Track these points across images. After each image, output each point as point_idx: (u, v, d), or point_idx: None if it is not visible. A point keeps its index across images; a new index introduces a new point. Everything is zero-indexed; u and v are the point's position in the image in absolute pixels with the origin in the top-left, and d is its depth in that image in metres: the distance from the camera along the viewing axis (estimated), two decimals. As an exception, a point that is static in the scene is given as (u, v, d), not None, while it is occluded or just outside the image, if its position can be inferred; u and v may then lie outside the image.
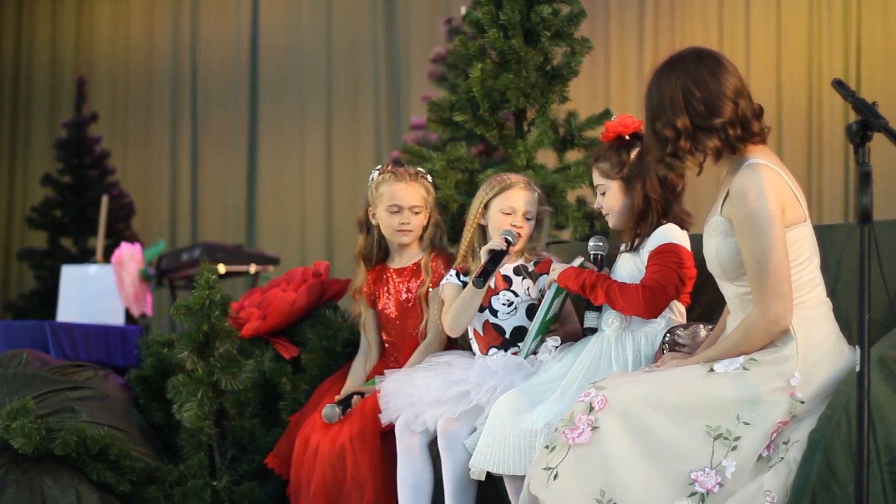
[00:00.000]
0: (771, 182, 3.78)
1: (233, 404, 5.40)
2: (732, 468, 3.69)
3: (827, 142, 10.14)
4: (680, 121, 3.84)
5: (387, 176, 5.26)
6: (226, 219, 13.23)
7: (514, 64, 5.58)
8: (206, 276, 5.19)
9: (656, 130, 3.90)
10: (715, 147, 3.84)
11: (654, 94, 3.91)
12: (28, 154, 13.85)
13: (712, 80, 3.85)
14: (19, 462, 5.01)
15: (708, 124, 3.82)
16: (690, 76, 3.85)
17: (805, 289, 3.84)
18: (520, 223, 4.90)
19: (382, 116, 12.64)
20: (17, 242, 13.54)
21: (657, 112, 3.89)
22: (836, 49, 10.26)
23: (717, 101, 3.83)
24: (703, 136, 3.83)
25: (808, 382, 3.76)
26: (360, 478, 4.88)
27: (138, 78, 13.70)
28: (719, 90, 3.84)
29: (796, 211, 3.83)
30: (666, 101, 3.86)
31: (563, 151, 5.85)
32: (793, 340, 3.78)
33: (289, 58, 13.09)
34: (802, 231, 3.85)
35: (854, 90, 3.42)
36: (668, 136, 3.86)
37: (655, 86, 3.91)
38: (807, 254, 3.86)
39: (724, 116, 3.83)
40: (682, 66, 3.89)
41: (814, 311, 3.85)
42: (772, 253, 3.75)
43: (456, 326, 4.93)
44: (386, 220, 5.23)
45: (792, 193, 3.84)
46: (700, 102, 3.83)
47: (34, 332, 6.17)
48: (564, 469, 3.76)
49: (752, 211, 3.76)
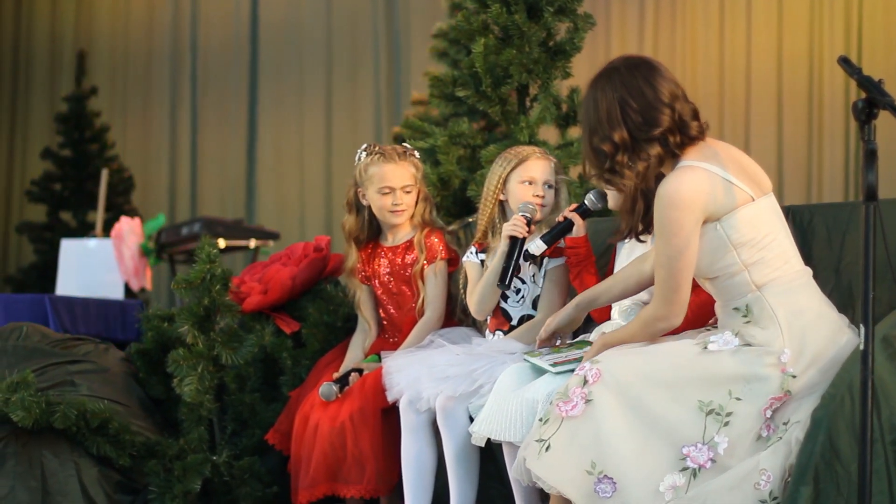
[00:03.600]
0: (691, 190, 3.76)
1: (233, 379, 5.40)
2: (725, 444, 3.70)
3: (827, 121, 10.12)
4: (617, 134, 3.82)
5: (375, 157, 5.20)
6: (225, 193, 13.21)
7: (517, 39, 5.56)
8: (207, 250, 5.18)
9: (594, 146, 3.88)
10: (657, 154, 3.83)
11: (591, 109, 3.88)
12: (28, 127, 13.82)
13: (647, 88, 3.82)
14: (19, 435, 5.01)
15: (647, 136, 3.81)
16: (626, 87, 3.83)
17: (774, 264, 3.82)
18: (541, 192, 4.87)
19: (382, 91, 12.62)
20: (16, 216, 13.52)
21: (594, 127, 3.87)
22: (838, 27, 10.23)
23: (654, 111, 3.81)
24: (644, 146, 3.82)
25: (798, 356, 3.75)
26: (361, 455, 4.89)
27: (138, 52, 13.66)
28: (655, 97, 3.82)
29: (734, 197, 3.79)
30: (602, 115, 3.84)
31: (565, 128, 5.84)
32: (773, 320, 3.78)
33: (289, 32, 13.05)
34: (751, 210, 3.81)
35: (860, 68, 3.41)
36: (606, 150, 3.84)
37: (592, 99, 3.88)
38: (765, 230, 3.83)
39: (662, 125, 3.81)
40: (616, 76, 3.85)
41: (789, 284, 3.83)
42: (671, 260, 3.79)
43: (481, 310, 4.94)
44: (378, 201, 5.20)
45: (726, 184, 3.80)
46: (637, 113, 3.81)
47: (34, 305, 6.17)
48: (557, 441, 3.76)
49: (661, 217, 3.79)
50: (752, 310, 3.82)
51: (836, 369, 3.73)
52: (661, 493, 3.70)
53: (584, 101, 3.94)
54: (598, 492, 3.72)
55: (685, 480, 3.70)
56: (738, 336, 3.83)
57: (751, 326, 3.82)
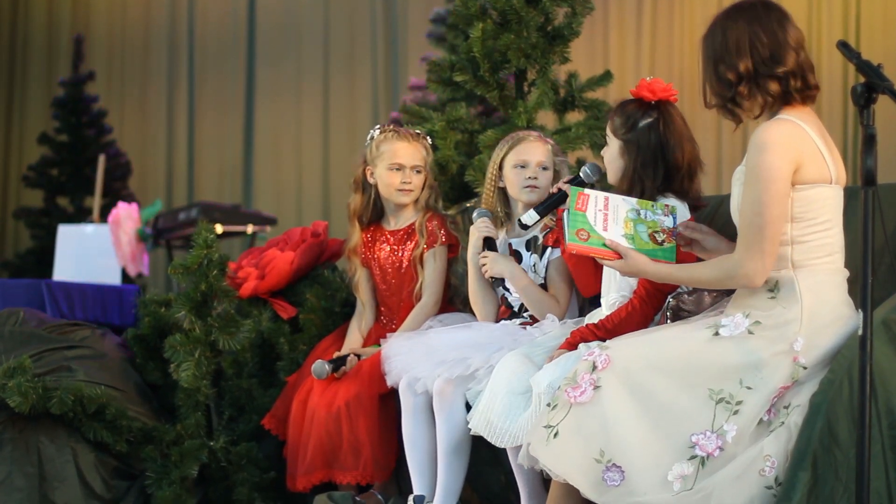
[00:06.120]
0: (788, 136, 3.75)
1: (230, 364, 5.39)
2: (733, 432, 3.69)
3: (825, 106, 10.12)
4: (743, 64, 3.81)
5: (388, 134, 5.23)
6: (222, 179, 13.21)
7: (515, 24, 5.54)
8: (204, 235, 5.17)
9: (718, 73, 3.87)
10: (776, 91, 3.81)
11: (719, 37, 3.87)
12: (24, 113, 13.82)
13: (779, 28, 3.83)
14: (16, 421, 5.00)
15: (772, 72, 3.80)
16: (759, 22, 3.83)
17: (819, 252, 3.80)
18: (534, 174, 4.86)
19: (380, 77, 12.61)
20: (13, 201, 13.53)
21: (720, 55, 3.86)
22: (836, 12, 10.23)
23: (781, 50, 3.81)
24: (767, 81, 3.81)
25: (812, 348, 3.73)
26: (357, 441, 4.89)
27: (135, 37, 13.65)
28: (784, 39, 3.82)
29: (820, 170, 3.79)
30: (731, 44, 3.83)
31: (563, 113, 5.82)
32: (798, 304, 3.75)
33: (286, 17, 13.04)
34: (825, 192, 3.80)
35: (859, 52, 3.40)
36: (731, 78, 3.83)
37: (720, 29, 3.88)
38: (826, 216, 3.81)
39: (787, 65, 3.81)
40: (751, 11, 3.86)
41: (826, 276, 3.81)
42: (766, 208, 3.71)
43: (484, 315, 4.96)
44: (386, 178, 5.20)
45: (818, 152, 3.80)
46: (766, 48, 3.81)
47: (31, 290, 6.15)
48: (565, 428, 3.75)
49: (758, 162, 3.73)
50: (780, 287, 3.79)
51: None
52: (670, 483, 3.69)
53: (709, 30, 3.92)
54: (605, 480, 3.70)
55: (693, 469, 3.68)
56: (748, 317, 3.79)
57: (773, 303, 3.79)
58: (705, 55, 3.92)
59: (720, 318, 3.86)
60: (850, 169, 4.05)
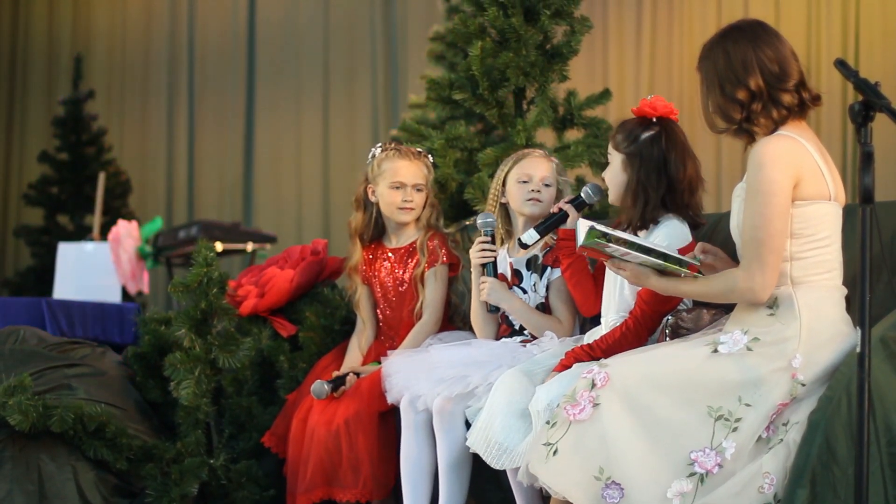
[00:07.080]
0: (788, 151, 3.77)
1: (230, 382, 5.40)
2: (732, 449, 3.69)
3: (825, 123, 10.10)
4: (753, 81, 3.82)
5: (390, 153, 5.24)
6: (222, 197, 13.21)
7: (514, 42, 5.56)
8: (204, 253, 5.17)
9: (726, 93, 3.86)
10: (791, 103, 3.83)
11: (721, 59, 3.87)
12: (25, 131, 13.83)
13: (779, 42, 3.86)
14: (16, 439, 5.00)
15: (784, 85, 3.83)
16: (760, 39, 3.86)
17: (819, 269, 3.81)
18: (537, 188, 4.86)
19: (379, 95, 12.61)
20: (13, 219, 13.52)
21: (725, 75, 3.86)
22: (835, 29, 10.23)
23: (787, 63, 3.84)
24: (780, 94, 3.82)
25: (810, 365, 3.74)
26: (356, 459, 4.89)
27: (135, 55, 13.66)
28: (786, 53, 3.86)
29: (819, 186, 3.80)
30: (737, 64, 3.84)
31: (562, 131, 5.84)
32: (796, 321, 3.76)
33: (286, 35, 13.05)
34: (824, 209, 3.81)
35: (856, 70, 3.41)
36: (742, 98, 3.84)
37: (721, 50, 3.88)
38: (826, 233, 3.82)
39: (795, 78, 3.84)
40: (749, 31, 3.88)
41: (825, 293, 3.82)
42: (768, 222, 3.73)
43: (485, 336, 4.96)
44: (388, 196, 5.21)
45: (817, 168, 3.81)
46: (773, 63, 3.83)
47: (31, 308, 6.16)
48: (564, 445, 3.76)
49: (759, 177, 3.74)
50: (779, 304, 3.80)
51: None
52: (669, 500, 3.69)
53: (708, 55, 3.93)
54: (605, 497, 3.71)
55: (692, 486, 3.69)
56: (747, 334, 3.80)
57: (772, 320, 3.79)
58: (707, 79, 3.92)
59: (719, 335, 3.87)
60: (849, 186, 4.06)
